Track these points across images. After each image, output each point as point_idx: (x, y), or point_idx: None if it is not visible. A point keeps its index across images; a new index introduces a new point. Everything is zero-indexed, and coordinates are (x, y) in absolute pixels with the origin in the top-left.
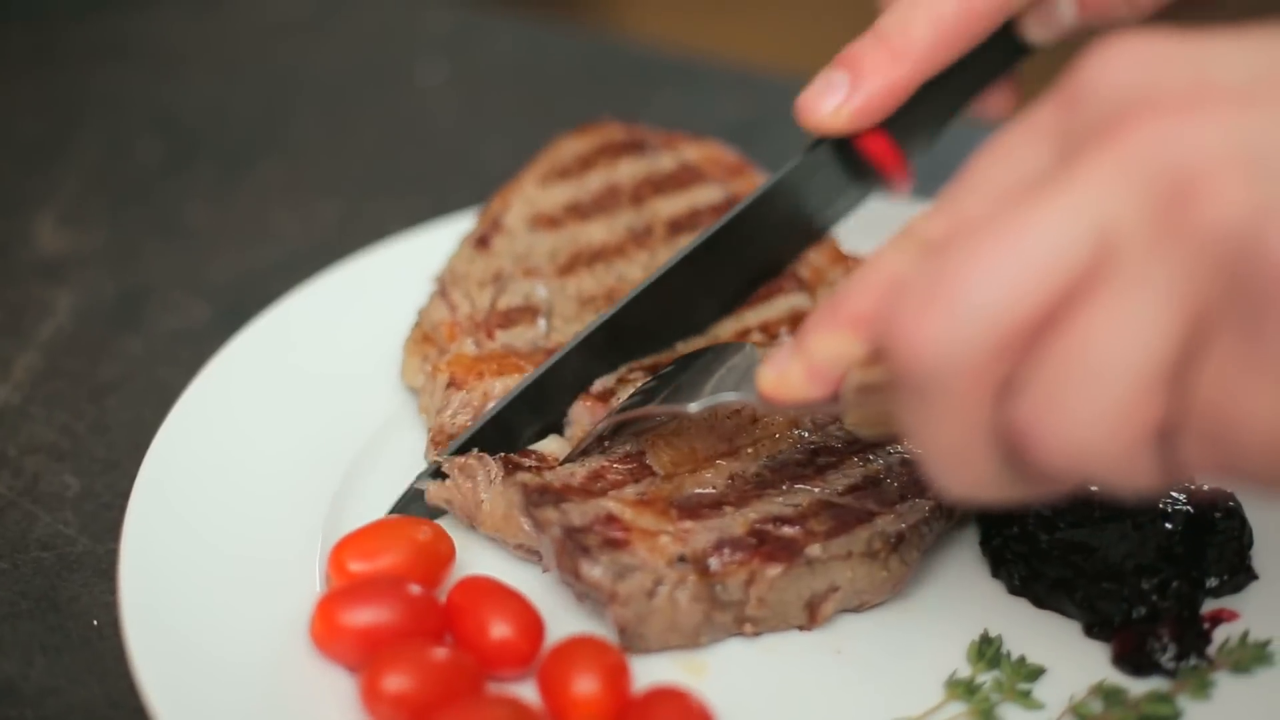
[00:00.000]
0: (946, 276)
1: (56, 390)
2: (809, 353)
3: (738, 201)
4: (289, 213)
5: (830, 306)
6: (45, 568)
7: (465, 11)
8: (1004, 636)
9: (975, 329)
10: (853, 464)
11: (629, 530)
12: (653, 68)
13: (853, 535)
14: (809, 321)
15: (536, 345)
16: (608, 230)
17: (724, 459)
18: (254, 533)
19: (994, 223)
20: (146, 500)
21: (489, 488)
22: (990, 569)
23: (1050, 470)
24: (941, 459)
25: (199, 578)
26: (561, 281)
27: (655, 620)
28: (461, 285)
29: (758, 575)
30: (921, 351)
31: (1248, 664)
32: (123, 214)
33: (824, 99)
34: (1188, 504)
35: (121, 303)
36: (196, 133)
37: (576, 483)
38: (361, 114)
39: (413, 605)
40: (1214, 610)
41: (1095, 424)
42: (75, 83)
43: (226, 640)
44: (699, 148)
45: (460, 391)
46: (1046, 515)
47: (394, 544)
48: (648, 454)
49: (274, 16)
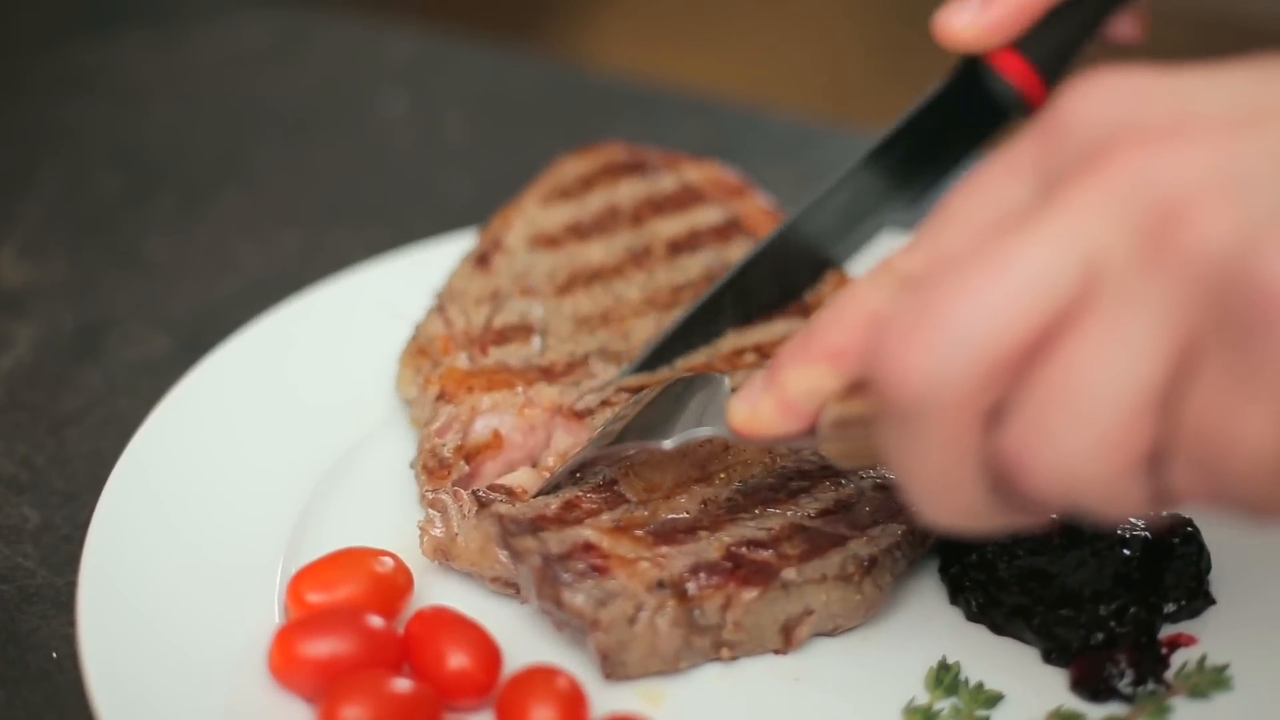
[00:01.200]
0: (932, 306)
1: (16, 422)
2: (782, 387)
3: (738, 223)
4: (250, 243)
5: (803, 340)
6: (4, 600)
7: (425, 40)
8: (962, 663)
9: (962, 358)
10: (825, 488)
11: (607, 557)
12: (614, 96)
13: (826, 558)
14: (781, 355)
15: (530, 363)
16: (606, 250)
17: (697, 484)
18: (212, 565)
19: (978, 254)
20: (105, 533)
21: (462, 522)
22: (949, 596)
23: (1038, 498)
24: (926, 489)
25: (157, 610)
26: (558, 301)
27: (636, 646)
28: (459, 301)
29: (734, 599)
30: (907, 382)
31: (1205, 689)
32: (83, 245)
33: (957, 15)
34: (1145, 530)
35: (82, 334)
36: (157, 164)
37: (551, 513)
38: (322, 144)
39: (371, 636)
40: (1172, 635)
41: (1083, 452)
42: (35, 114)
43: (185, 672)
44: (700, 168)
45: (449, 405)
46: (1005, 543)
47: (352, 575)
48: (620, 482)
49: (234, 47)
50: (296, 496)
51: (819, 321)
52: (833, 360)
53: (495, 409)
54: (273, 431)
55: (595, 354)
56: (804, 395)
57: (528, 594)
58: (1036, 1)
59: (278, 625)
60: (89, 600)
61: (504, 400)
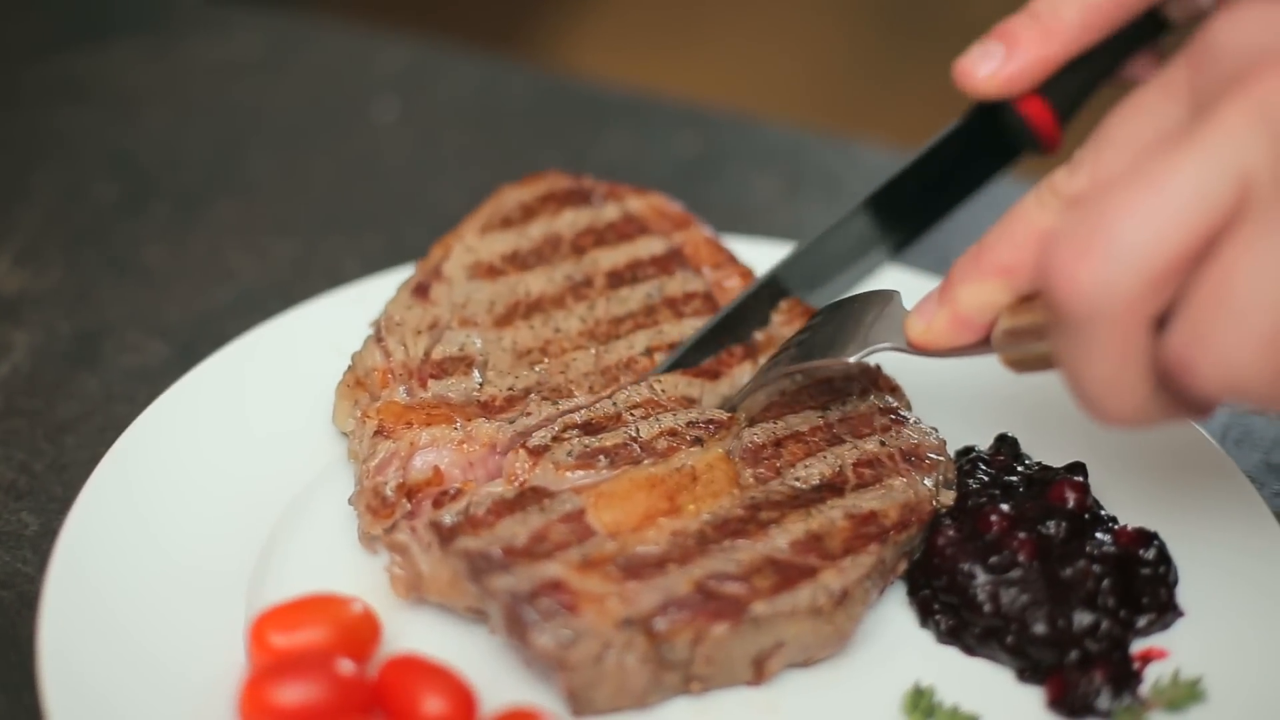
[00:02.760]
0: (1098, 223)
1: (14, 429)
2: (956, 302)
3: (680, 254)
4: (244, 252)
5: (974, 257)
6: (4, 606)
7: (418, 50)
8: (937, 686)
9: (1129, 269)
10: (795, 518)
11: (575, 595)
12: (604, 105)
13: (797, 591)
14: (953, 272)
15: (469, 397)
16: (546, 280)
17: (666, 517)
18: (172, 608)
19: (1138, 172)
20: (63, 580)
21: (426, 557)
22: (918, 619)
23: (1203, 395)
24: (1097, 391)
25: (121, 655)
26: (498, 333)
27: (604, 685)
28: (397, 332)
29: (704, 634)
30: (1078, 293)
31: (1181, 702)
32: (79, 254)
33: (980, 65)
34: (1113, 545)
35: (78, 342)
36: (152, 173)
37: (520, 545)
38: (316, 153)
39: (343, 683)
40: (1144, 650)
41: (1244, 350)
42: (30, 123)
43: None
44: (643, 199)
45: (387, 440)
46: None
47: (319, 619)
48: (588, 513)
49: (228, 56)
50: (255, 535)
51: (989, 240)
52: (1004, 275)
53: (434, 444)
54: (236, 461)
55: (534, 388)
56: (977, 309)
57: (496, 628)
58: (1058, 53)
59: (244, 668)
60: (52, 645)
61: (442, 435)
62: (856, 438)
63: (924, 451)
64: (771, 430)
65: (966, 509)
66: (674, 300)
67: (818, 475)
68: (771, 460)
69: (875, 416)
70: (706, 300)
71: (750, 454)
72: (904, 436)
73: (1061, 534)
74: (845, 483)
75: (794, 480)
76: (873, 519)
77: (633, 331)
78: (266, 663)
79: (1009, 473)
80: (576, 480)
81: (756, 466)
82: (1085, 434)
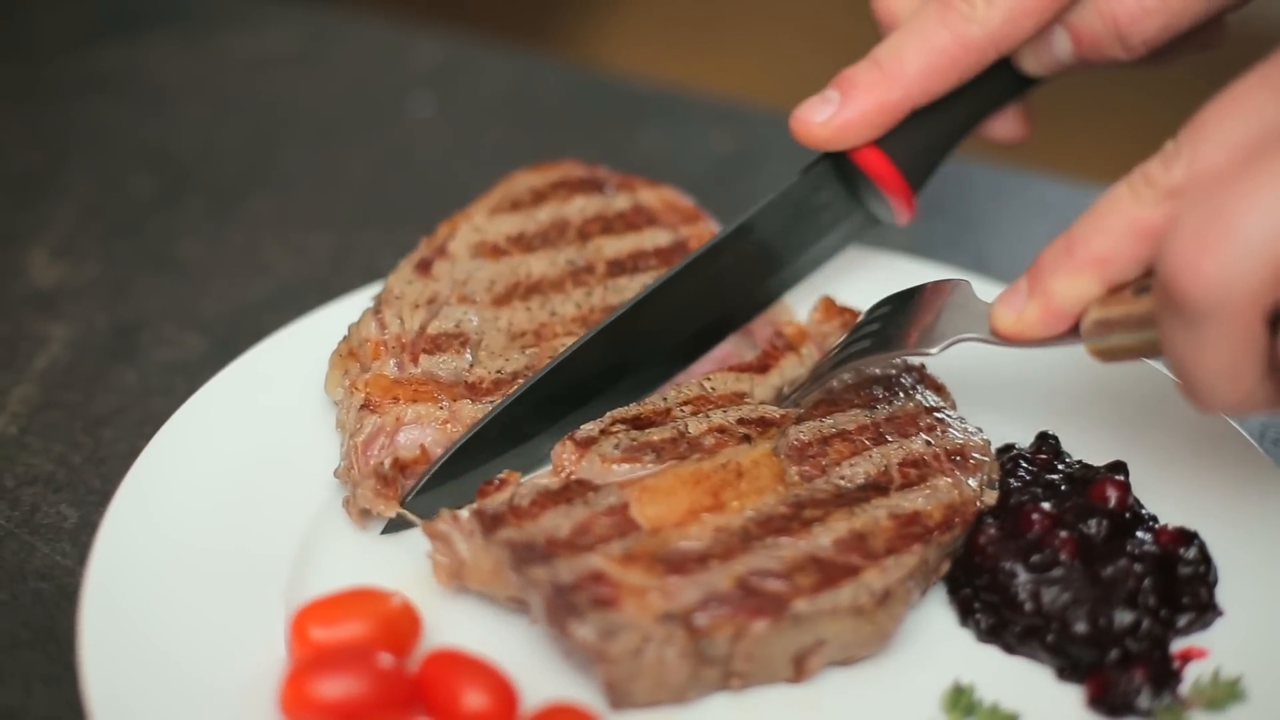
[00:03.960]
0: (1223, 215)
1: (52, 422)
2: (1048, 294)
3: (684, 247)
4: (280, 246)
5: (1066, 248)
6: (44, 598)
7: (452, 45)
8: (977, 684)
9: (1251, 263)
10: (839, 517)
11: (617, 588)
12: (639, 101)
13: (838, 590)
14: (1044, 263)
15: (459, 376)
16: (548, 264)
17: (709, 512)
18: (214, 601)
19: (1261, 166)
20: (105, 569)
21: (468, 545)
22: (958, 618)
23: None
24: (1209, 379)
25: (161, 648)
26: (495, 312)
27: (643, 678)
28: (395, 305)
29: (744, 631)
30: (1204, 284)
31: (1221, 701)
32: (115, 247)
33: (816, 112)
34: (1154, 544)
35: (115, 335)
36: (187, 166)
37: (563, 536)
38: (351, 148)
39: (384, 676)
40: (1183, 649)
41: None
42: (66, 117)
43: (192, 709)
44: (655, 191)
45: (373, 415)
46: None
47: (360, 613)
48: (632, 506)
49: (263, 50)
50: (294, 528)
51: (1081, 231)
52: (1098, 267)
53: (418, 421)
54: (269, 461)
55: (522, 373)
56: (1069, 301)
57: (537, 619)
58: (898, 101)
59: (284, 661)
60: (93, 641)
61: (427, 414)
62: (902, 437)
63: (969, 452)
64: (818, 428)
65: (1008, 507)
66: None
67: (863, 474)
68: (817, 458)
69: (921, 416)
70: None
71: (796, 451)
72: (949, 436)
73: (1103, 533)
74: (890, 482)
75: (839, 479)
76: (917, 519)
77: None
78: (307, 657)
79: (1050, 471)
80: (622, 474)
81: (802, 464)
82: (1124, 432)
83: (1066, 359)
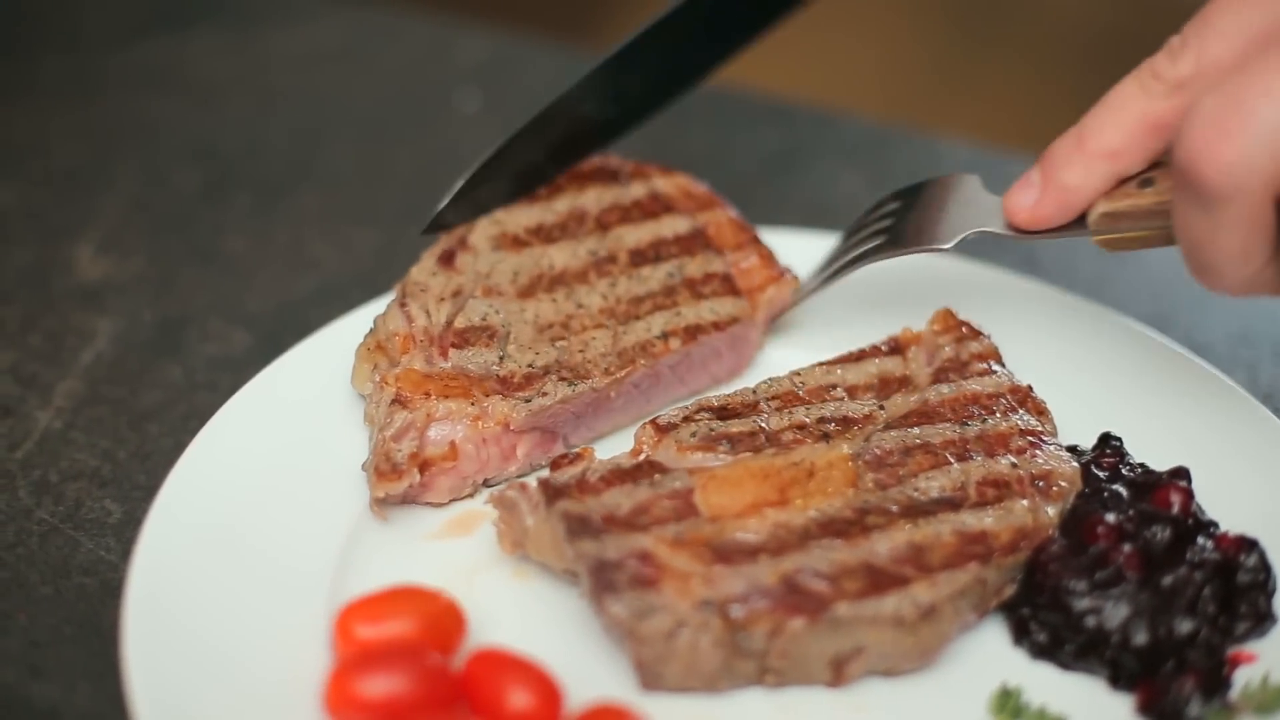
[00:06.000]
0: (1238, 105)
1: (97, 417)
2: (1061, 186)
3: (703, 233)
4: (326, 241)
5: (1077, 142)
6: (87, 593)
7: (498, 41)
8: (1025, 688)
9: (1270, 147)
10: (901, 528)
11: (660, 569)
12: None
13: (883, 599)
14: (1056, 156)
15: (489, 370)
16: (570, 254)
17: (772, 508)
18: (257, 598)
19: (1272, 58)
20: (150, 563)
21: (534, 514)
22: (1013, 637)
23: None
24: (1220, 260)
25: (204, 644)
26: (520, 304)
27: (674, 662)
28: (420, 298)
29: (781, 627)
30: (1223, 169)
31: (1271, 706)
32: (161, 242)
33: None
34: (1215, 551)
35: (161, 330)
36: (233, 161)
37: (621, 514)
38: (397, 143)
39: (428, 675)
40: (1233, 654)
41: None
42: (113, 112)
43: (235, 706)
44: (669, 179)
45: (404, 411)
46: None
47: (405, 611)
48: (696, 493)
49: (309, 46)
50: (338, 526)
51: (1092, 125)
52: (1110, 159)
53: (449, 418)
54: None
55: (553, 367)
56: (1082, 193)
57: (584, 593)
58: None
59: (328, 659)
60: (136, 637)
61: (458, 409)
62: (989, 456)
63: (1055, 479)
64: (902, 438)
65: (1073, 516)
66: (693, 281)
67: (937, 488)
68: (895, 467)
69: (1014, 437)
70: (725, 282)
71: (876, 459)
72: (1038, 461)
73: (1165, 540)
74: (964, 499)
75: (913, 490)
76: (981, 539)
77: (651, 313)
78: (351, 654)
79: (1116, 477)
80: (695, 461)
81: (879, 472)
82: (1184, 434)
83: (1122, 361)
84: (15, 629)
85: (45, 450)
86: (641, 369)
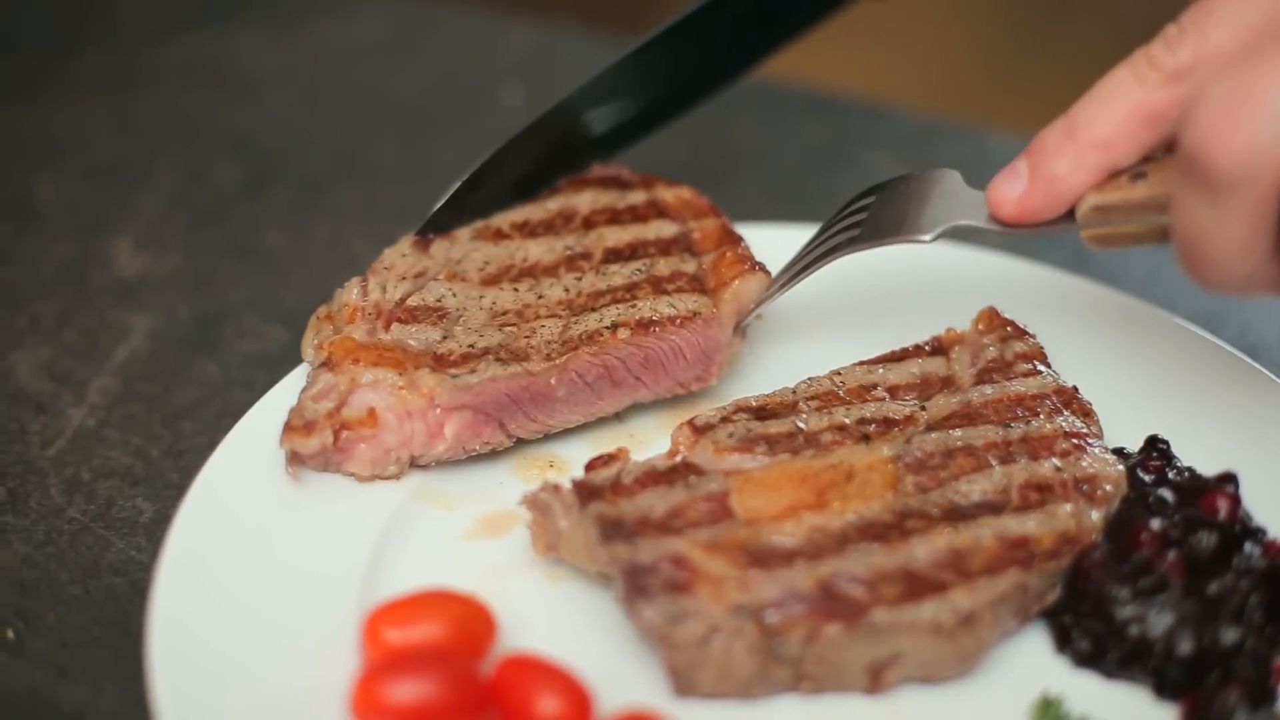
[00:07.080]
0: (1251, 92)
1: (131, 414)
2: (1050, 178)
3: (688, 238)
4: (366, 238)
5: (1068, 132)
6: (117, 594)
7: (542, 34)
8: (1068, 697)
9: (1277, 136)
10: (941, 532)
11: (695, 574)
12: (732, 91)
13: (921, 605)
14: (1045, 147)
15: (429, 347)
16: (547, 249)
17: (809, 511)
18: (289, 597)
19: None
20: (176, 570)
21: (567, 516)
22: (1055, 644)
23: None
24: (1219, 254)
25: (231, 646)
26: (481, 291)
27: (708, 668)
28: (382, 275)
29: (817, 633)
30: (1232, 157)
31: None
32: (199, 238)
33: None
34: (1262, 558)
35: (197, 326)
36: (274, 156)
37: (656, 517)
38: (440, 137)
39: (457, 680)
40: (1278, 662)
41: None
42: (152, 106)
43: (261, 710)
44: (673, 190)
45: (328, 373)
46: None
47: (434, 615)
48: (732, 496)
49: (352, 40)
50: (369, 528)
51: (1083, 114)
52: (1102, 151)
53: (374, 385)
54: None
55: (494, 349)
56: (1071, 185)
57: (618, 596)
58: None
59: (356, 663)
60: (162, 638)
61: (384, 378)
62: (1032, 459)
63: (1101, 482)
64: (944, 440)
65: (1117, 521)
66: (659, 279)
67: (979, 492)
68: (936, 470)
69: (1059, 440)
70: (693, 281)
71: (917, 462)
72: (1082, 464)
73: (1211, 547)
74: (1007, 503)
75: (954, 494)
76: (1023, 544)
77: (608, 305)
78: (380, 659)
79: (1162, 481)
80: (731, 463)
81: (919, 475)
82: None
83: (1170, 362)
84: (44, 629)
85: (78, 448)
86: (585, 358)
